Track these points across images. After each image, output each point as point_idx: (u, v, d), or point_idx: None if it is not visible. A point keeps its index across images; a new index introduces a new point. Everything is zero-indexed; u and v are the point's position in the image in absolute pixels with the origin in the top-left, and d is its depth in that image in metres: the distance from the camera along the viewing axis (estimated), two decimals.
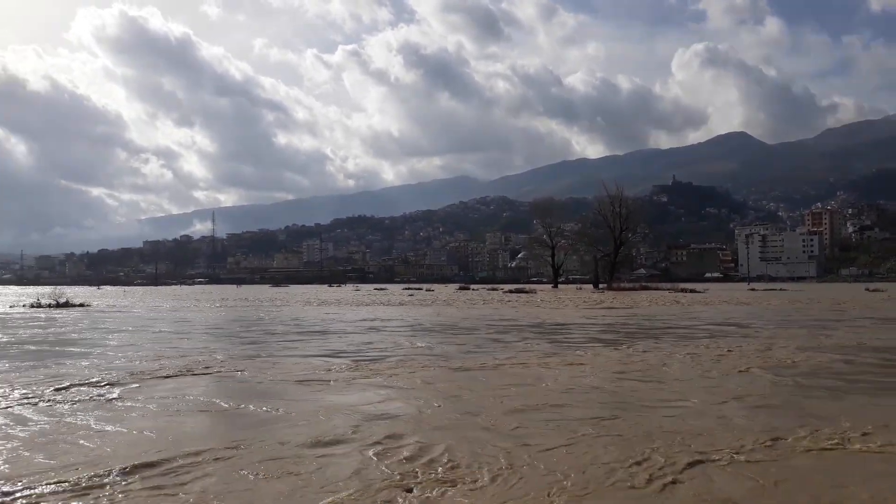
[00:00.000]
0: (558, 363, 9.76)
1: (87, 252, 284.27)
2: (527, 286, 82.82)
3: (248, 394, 7.56)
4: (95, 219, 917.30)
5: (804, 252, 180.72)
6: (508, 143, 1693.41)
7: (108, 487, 4.09)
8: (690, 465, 4.51)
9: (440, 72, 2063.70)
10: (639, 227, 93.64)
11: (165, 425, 5.94)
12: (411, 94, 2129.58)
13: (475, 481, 4.11)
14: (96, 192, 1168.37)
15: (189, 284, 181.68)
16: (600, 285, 78.69)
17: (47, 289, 67.70)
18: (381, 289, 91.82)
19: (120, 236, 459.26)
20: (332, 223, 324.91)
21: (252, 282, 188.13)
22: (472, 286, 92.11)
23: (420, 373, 8.94)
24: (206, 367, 9.72)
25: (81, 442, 5.27)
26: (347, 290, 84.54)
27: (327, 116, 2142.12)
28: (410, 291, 69.76)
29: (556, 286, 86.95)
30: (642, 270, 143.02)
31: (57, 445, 5.17)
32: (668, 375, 8.51)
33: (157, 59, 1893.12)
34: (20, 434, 5.58)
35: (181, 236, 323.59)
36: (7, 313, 32.66)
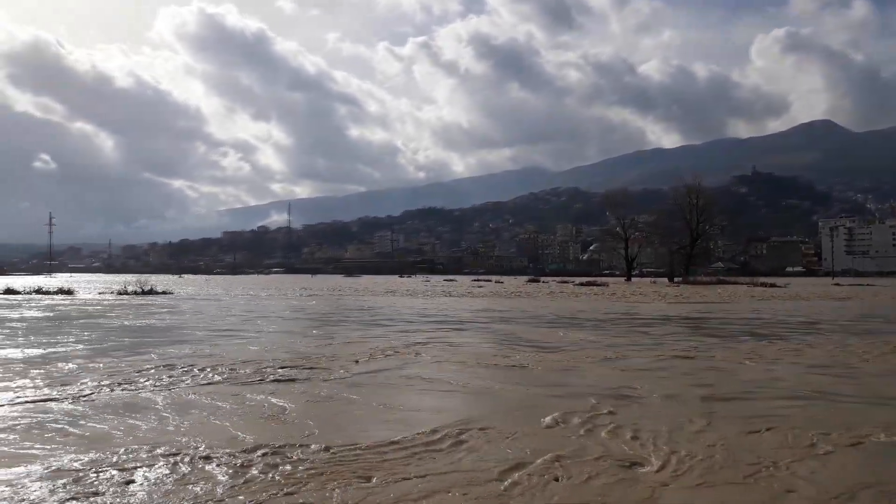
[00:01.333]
0: (733, 357, 10.13)
1: (170, 242, 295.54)
2: (598, 279, 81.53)
3: (469, 374, 8.47)
4: (177, 210, 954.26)
5: (895, 245, 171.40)
6: (580, 133, 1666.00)
7: (405, 450, 4.93)
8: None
9: (510, 62, 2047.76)
10: (716, 219, 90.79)
11: (431, 399, 7.00)
12: (481, 86, 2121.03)
13: (686, 462, 4.69)
14: (178, 184, 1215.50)
15: (266, 274, 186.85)
16: (675, 279, 76.78)
17: (133, 276, 70.95)
18: (451, 280, 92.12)
19: (200, 227, 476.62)
20: (402, 215, 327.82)
21: (326, 272, 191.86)
22: (542, 278, 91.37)
23: (602, 363, 9.57)
24: (396, 352, 10.67)
25: (385, 416, 6.15)
26: (418, 281, 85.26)
27: (398, 109, 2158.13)
28: (479, 283, 69.73)
29: (629, 279, 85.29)
30: (720, 264, 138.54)
31: (353, 415, 6.22)
32: (859, 371, 8.71)
33: (234, 54, 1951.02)
34: (324, 410, 6.46)
35: (258, 227, 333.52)
36: (103, 300, 34.37)
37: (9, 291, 46.49)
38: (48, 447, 5.04)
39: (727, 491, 4.12)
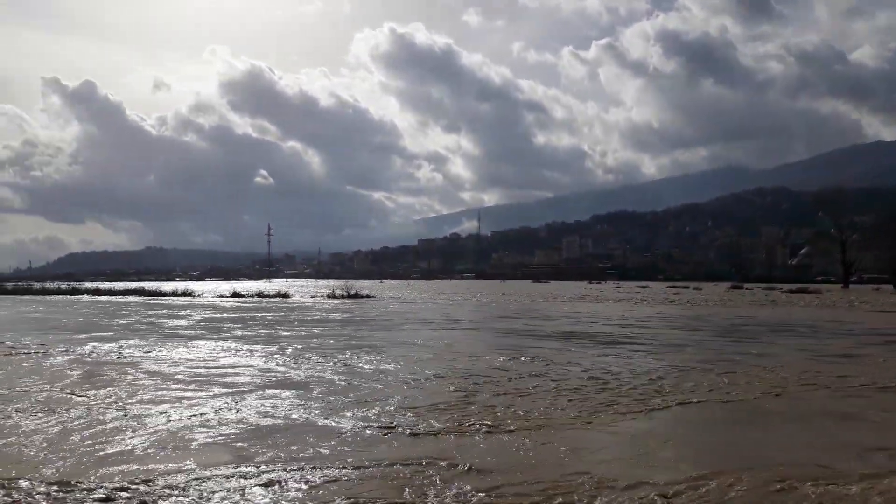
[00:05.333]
0: None
1: (371, 249, 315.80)
2: (810, 286, 75.04)
3: None
4: (378, 220, 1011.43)
5: None
6: (785, 129, 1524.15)
7: None
8: None
9: (703, 58, 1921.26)
10: None
11: None
12: (672, 84, 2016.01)
13: None
14: (377, 195, 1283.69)
15: (458, 279, 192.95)
16: None
17: (340, 282, 76.84)
18: (643, 286, 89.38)
19: (398, 235, 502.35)
20: (591, 219, 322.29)
21: (514, 277, 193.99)
22: (746, 285, 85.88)
23: None
24: None
25: None
26: (609, 288, 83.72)
27: (585, 113, 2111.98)
28: (676, 290, 67.12)
29: (846, 286, 77.68)
30: None
31: None
32: None
33: (424, 70, 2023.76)
34: None
35: (450, 234, 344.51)
36: (315, 303, 37.77)
37: (235, 295, 52.47)
38: None
39: None
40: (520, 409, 7.87)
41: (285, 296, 50.82)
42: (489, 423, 7.14)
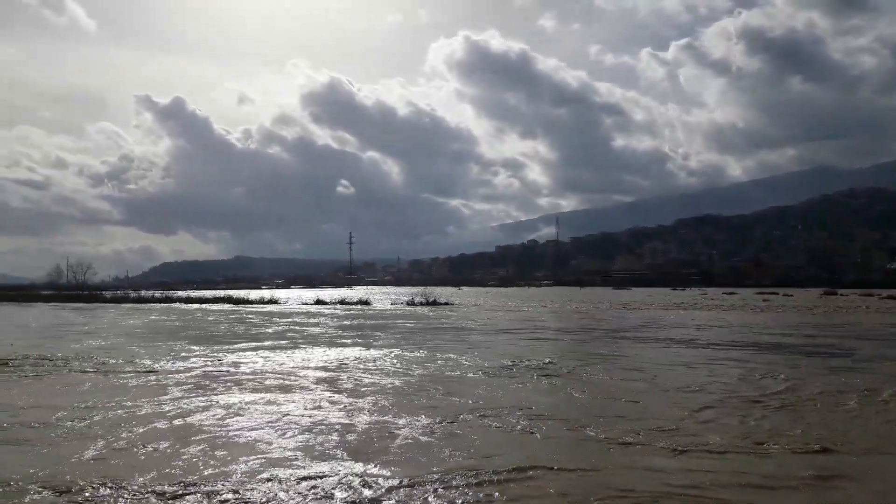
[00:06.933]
0: None
1: (449, 256, 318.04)
2: None
3: None
4: (456, 226, 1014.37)
5: None
6: (880, 126, 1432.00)
7: None
8: None
9: (789, 54, 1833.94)
10: None
11: None
12: (756, 82, 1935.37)
13: None
14: (455, 203, 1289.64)
15: (536, 286, 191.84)
16: None
17: (418, 289, 77.87)
18: (731, 293, 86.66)
19: (475, 242, 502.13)
20: (674, 224, 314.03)
21: (593, 284, 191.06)
22: (840, 291, 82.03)
23: None
24: None
25: None
26: (695, 294, 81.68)
27: (665, 115, 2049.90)
28: (765, 297, 64.90)
29: None
30: None
31: None
32: None
33: (500, 76, 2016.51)
34: None
35: (528, 241, 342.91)
36: (397, 310, 38.41)
37: (319, 302, 53.92)
38: None
39: None
40: (804, 428, 7.68)
41: (366, 303, 51.99)
42: (784, 443, 6.99)
